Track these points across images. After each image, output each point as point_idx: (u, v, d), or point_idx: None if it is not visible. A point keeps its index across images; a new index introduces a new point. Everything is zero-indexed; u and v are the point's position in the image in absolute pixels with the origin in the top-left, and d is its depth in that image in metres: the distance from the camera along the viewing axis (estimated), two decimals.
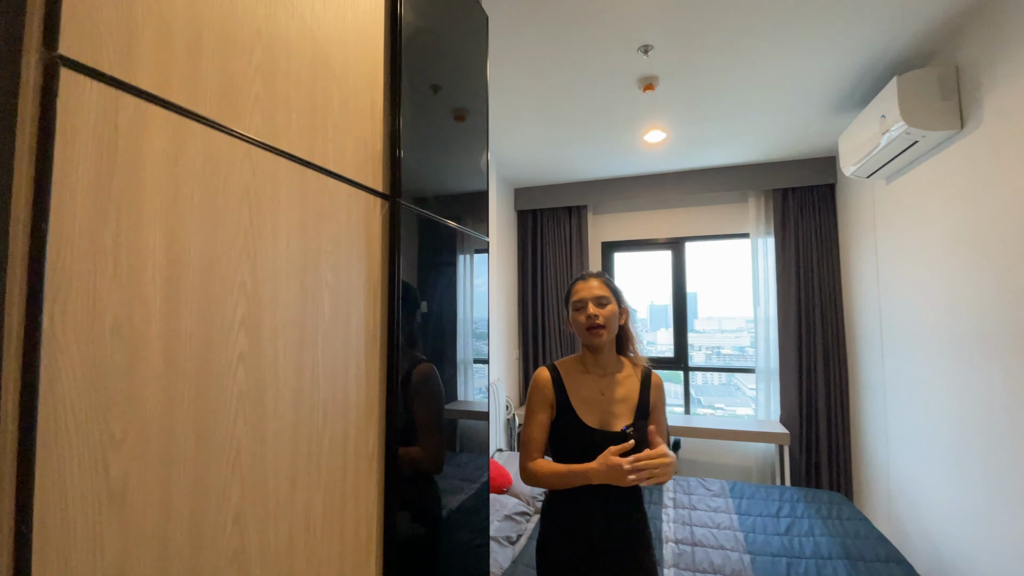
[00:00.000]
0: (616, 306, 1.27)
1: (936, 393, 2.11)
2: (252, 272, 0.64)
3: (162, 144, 0.53)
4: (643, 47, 1.92)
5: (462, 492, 1.23)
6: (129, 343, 0.49)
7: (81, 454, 0.45)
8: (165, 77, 0.53)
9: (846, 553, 1.96)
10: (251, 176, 0.64)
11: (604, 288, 1.27)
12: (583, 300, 1.26)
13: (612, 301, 1.26)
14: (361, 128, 0.88)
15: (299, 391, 0.72)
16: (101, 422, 0.47)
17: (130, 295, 0.49)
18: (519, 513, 2.26)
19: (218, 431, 0.58)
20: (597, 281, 1.28)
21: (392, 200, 0.96)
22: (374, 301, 0.91)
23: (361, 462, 0.86)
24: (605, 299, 1.25)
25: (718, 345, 4.32)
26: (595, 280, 1.28)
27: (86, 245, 0.46)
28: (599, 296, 1.25)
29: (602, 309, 1.24)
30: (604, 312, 1.24)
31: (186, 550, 0.54)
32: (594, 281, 1.28)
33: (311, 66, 0.76)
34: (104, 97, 0.48)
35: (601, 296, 1.25)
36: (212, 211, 0.58)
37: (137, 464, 0.50)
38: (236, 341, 0.61)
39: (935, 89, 1.90)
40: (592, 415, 1.24)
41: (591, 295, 1.26)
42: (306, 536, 0.72)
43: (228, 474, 0.60)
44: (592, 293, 1.26)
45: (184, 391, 0.54)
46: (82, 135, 0.46)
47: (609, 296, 1.26)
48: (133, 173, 0.50)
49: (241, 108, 0.63)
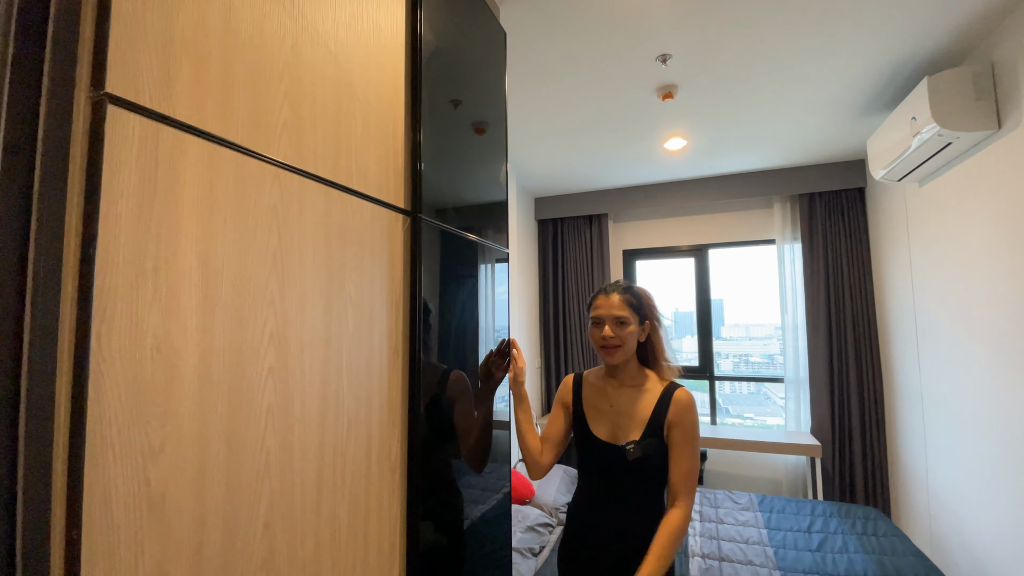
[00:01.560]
0: (636, 326, 1.24)
1: (978, 401, 2.02)
2: (280, 289, 0.67)
3: (198, 171, 0.56)
4: (661, 56, 1.92)
5: (484, 503, 1.25)
6: (167, 359, 0.52)
7: (124, 464, 0.48)
8: (200, 108, 0.57)
9: (883, 571, 1.88)
10: (279, 198, 0.67)
11: (624, 308, 1.23)
12: (601, 317, 1.25)
13: (632, 322, 1.23)
14: (383, 146, 0.91)
15: (324, 403, 0.74)
16: (142, 434, 0.50)
17: (168, 314, 0.52)
18: (542, 524, 2.25)
19: (248, 442, 0.61)
20: (620, 298, 1.24)
21: (413, 216, 0.98)
22: (396, 315, 0.93)
23: (384, 472, 0.88)
24: (624, 319, 1.22)
25: (746, 353, 4.21)
26: (617, 296, 1.24)
27: (129, 268, 0.49)
28: (618, 316, 1.22)
29: (620, 329, 1.22)
30: (621, 333, 1.22)
31: (219, 557, 0.57)
32: (616, 297, 1.24)
33: (335, 90, 0.79)
34: (145, 129, 0.51)
35: (620, 316, 1.22)
36: (243, 232, 0.61)
37: (174, 474, 0.52)
38: (265, 356, 0.64)
39: (969, 89, 1.84)
40: (602, 426, 1.25)
41: (610, 314, 1.23)
42: (331, 545, 0.74)
43: (258, 484, 0.62)
44: (611, 312, 1.23)
45: (217, 404, 0.57)
46: (126, 166, 0.49)
47: (629, 317, 1.23)
48: (171, 199, 0.53)
49: (270, 134, 0.66)
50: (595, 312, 1.26)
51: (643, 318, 1.27)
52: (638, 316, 1.25)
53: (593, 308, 1.27)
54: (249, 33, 0.64)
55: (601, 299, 1.27)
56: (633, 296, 1.26)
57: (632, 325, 1.23)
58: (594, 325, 1.27)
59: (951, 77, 1.86)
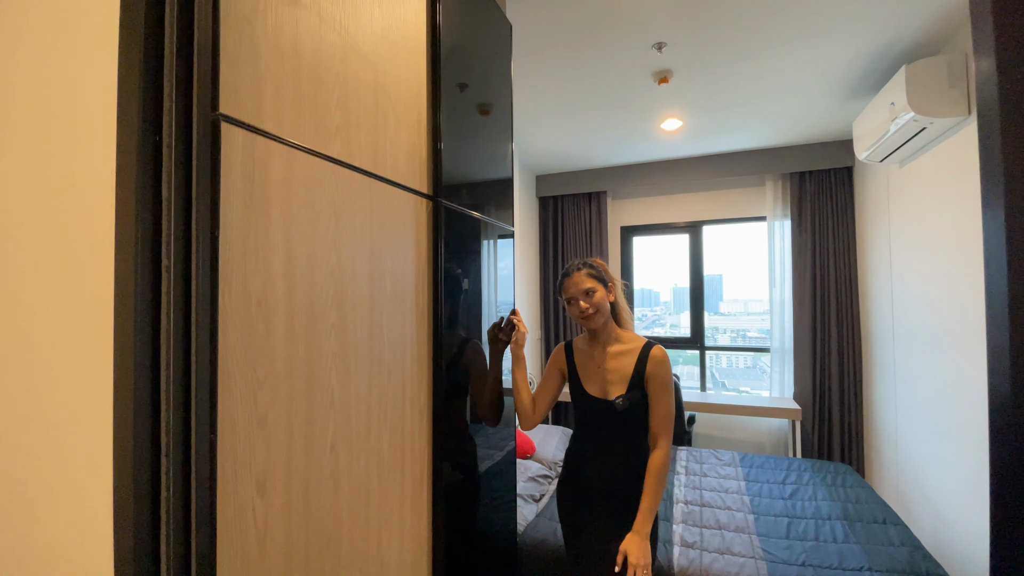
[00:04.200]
0: (604, 290, 1.42)
1: (944, 370, 2.22)
2: (338, 262, 0.83)
3: (280, 171, 0.72)
4: (657, 44, 2.04)
5: (491, 459, 1.45)
6: (265, 314, 0.69)
7: (241, 389, 0.66)
8: (279, 120, 0.72)
9: (845, 515, 2.11)
10: (335, 188, 0.83)
11: (589, 280, 1.41)
12: (573, 296, 1.43)
13: (598, 288, 1.41)
14: (411, 139, 1.06)
15: (371, 353, 0.92)
16: (251, 370, 0.67)
17: (264, 280, 0.69)
18: (542, 476, 2.49)
19: (320, 380, 0.79)
20: (581, 275, 1.42)
21: (435, 200, 1.14)
22: (422, 286, 1.10)
23: (415, 414, 1.06)
24: (592, 290, 1.40)
25: (743, 328, 4.36)
26: (579, 274, 1.42)
27: (239, 246, 0.66)
28: (587, 289, 1.40)
29: (591, 299, 1.40)
30: (593, 301, 1.40)
31: (302, 465, 0.75)
32: (578, 275, 1.42)
33: (373, 95, 0.94)
34: (246, 140, 0.67)
35: (588, 288, 1.40)
36: (311, 216, 0.78)
37: (272, 400, 0.70)
38: (329, 314, 0.81)
39: (943, 77, 1.97)
40: (593, 383, 1.45)
41: (579, 290, 1.41)
42: (378, 467, 0.93)
43: (327, 413, 0.80)
44: (580, 288, 1.41)
45: (299, 350, 0.75)
46: (235, 169, 0.65)
47: (594, 285, 1.41)
48: (264, 193, 0.69)
49: (328, 136, 0.82)
50: (567, 295, 1.45)
51: (605, 282, 1.44)
52: (602, 283, 1.43)
53: (564, 291, 1.46)
54: (311, 54, 0.78)
55: (567, 282, 1.45)
56: (592, 268, 1.44)
57: (600, 290, 1.41)
58: (570, 305, 1.45)
59: (927, 65, 1.99)
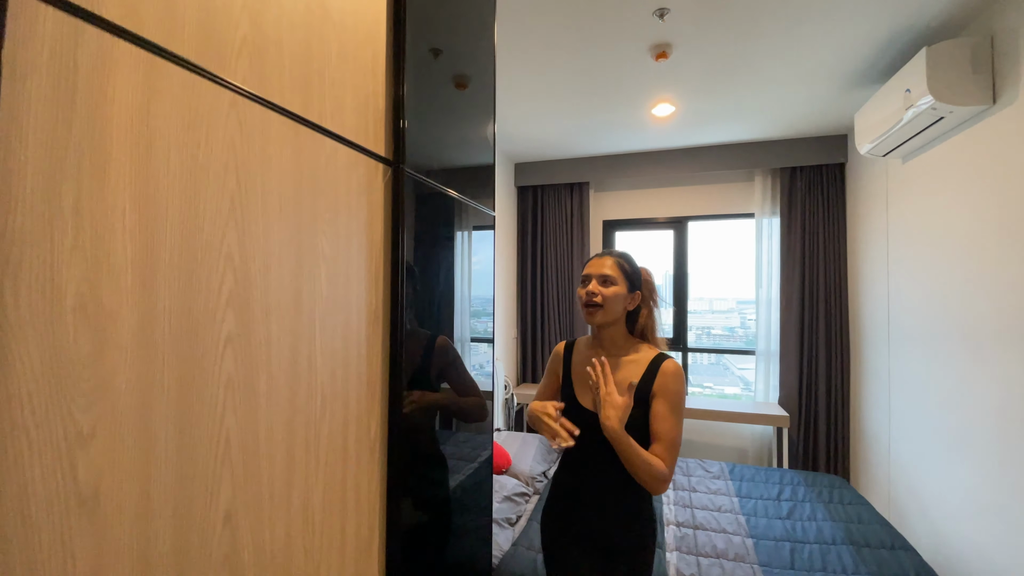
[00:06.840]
0: (624, 290, 1.22)
1: (947, 381, 2.08)
2: (240, 243, 0.56)
3: (131, 88, 0.45)
4: (659, 10, 1.80)
5: (462, 472, 1.19)
6: (96, 323, 0.42)
7: (43, 454, 0.38)
8: (134, 7, 0.45)
9: (850, 538, 1.94)
10: (238, 131, 0.56)
11: (615, 268, 1.23)
12: (589, 275, 1.25)
13: (619, 283, 1.22)
14: (362, 84, 0.79)
15: (295, 376, 0.65)
16: (66, 416, 0.40)
17: (96, 267, 0.42)
18: (518, 494, 2.24)
19: (204, 423, 0.51)
20: (611, 260, 1.25)
21: (395, 166, 0.87)
22: (376, 277, 0.83)
23: (363, 451, 0.80)
24: (611, 279, 1.22)
25: (708, 325, 4.31)
26: (610, 259, 1.25)
27: (41, 207, 0.38)
28: (606, 275, 1.22)
29: (604, 288, 1.21)
30: (605, 291, 1.21)
31: (170, 556, 0.48)
32: (608, 260, 1.25)
33: (306, 6, 0.67)
34: (61, 26, 0.39)
35: (608, 275, 1.22)
36: (192, 169, 0.50)
37: (109, 462, 0.43)
38: (223, 321, 0.54)
39: (967, 61, 1.80)
40: (587, 395, 1.24)
41: (598, 272, 1.23)
42: (304, 532, 0.66)
43: (217, 470, 0.53)
44: (600, 270, 1.23)
45: (163, 379, 0.47)
46: (36, 73, 0.38)
47: (617, 277, 1.22)
48: (96, 121, 0.42)
49: (225, 51, 0.54)
50: (585, 271, 1.27)
51: (633, 286, 1.25)
52: (628, 282, 1.23)
53: (585, 268, 1.28)
54: None
55: (594, 260, 1.27)
56: (627, 262, 1.26)
57: (618, 286, 1.21)
58: (582, 284, 1.26)
59: (950, 48, 1.82)
